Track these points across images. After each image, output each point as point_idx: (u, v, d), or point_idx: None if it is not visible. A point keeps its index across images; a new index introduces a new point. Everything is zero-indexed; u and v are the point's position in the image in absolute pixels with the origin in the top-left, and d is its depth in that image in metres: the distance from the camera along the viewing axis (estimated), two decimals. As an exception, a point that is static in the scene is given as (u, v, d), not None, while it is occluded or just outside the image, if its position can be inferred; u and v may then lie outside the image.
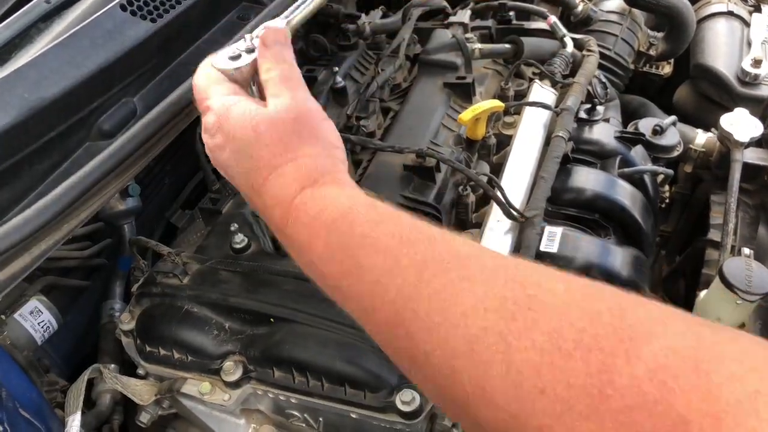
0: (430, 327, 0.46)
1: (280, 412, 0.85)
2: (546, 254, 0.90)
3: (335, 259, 0.54)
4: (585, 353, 0.39)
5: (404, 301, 0.49)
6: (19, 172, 0.69)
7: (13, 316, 0.96)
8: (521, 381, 0.40)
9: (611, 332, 0.39)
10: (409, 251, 0.50)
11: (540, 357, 0.40)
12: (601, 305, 0.42)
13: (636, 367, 0.37)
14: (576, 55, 1.26)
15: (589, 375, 0.38)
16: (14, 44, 0.77)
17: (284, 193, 0.58)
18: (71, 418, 0.80)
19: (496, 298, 0.44)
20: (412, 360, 0.49)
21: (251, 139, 0.61)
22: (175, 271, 0.88)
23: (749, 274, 0.87)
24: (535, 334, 0.41)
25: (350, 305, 0.54)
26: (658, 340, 0.38)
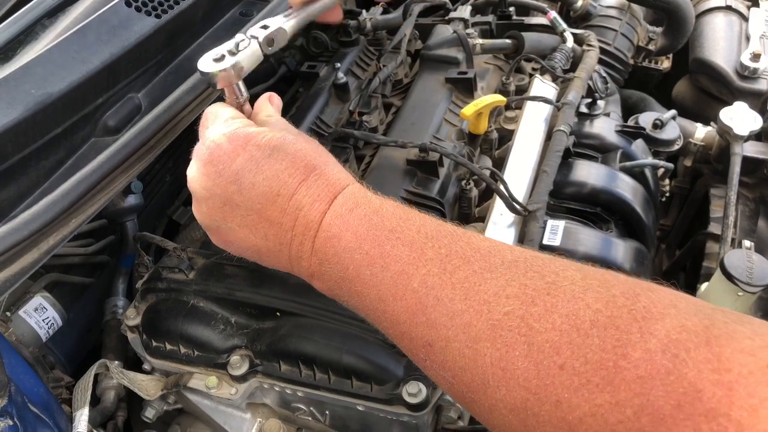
0: (453, 313, 0.49)
1: (286, 405, 0.86)
2: (549, 247, 0.91)
3: (362, 248, 0.56)
4: (601, 331, 0.41)
5: (427, 289, 0.51)
6: (26, 167, 0.70)
7: (18, 313, 0.96)
8: (542, 359, 0.43)
9: (626, 312, 0.42)
10: (434, 245, 0.53)
11: (559, 336, 0.43)
12: (615, 290, 0.44)
13: (649, 342, 0.39)
14: (576, 50, 1.26)
15: (605, 350, 0.40)
16: (19, 41, 0.77)
17: (326, 190, 0.60)
18: (79, 412, 0.81)
19: (516, 286, 0.47)
20: (429, 346, 0.50)
21: (288, 143, 0.62)
22: (180, 266, 0.88)
23: (750, 266, 0.88)
24: (554, 316, 0.44)
25: (369, 293, 0.55)
26: (671, 318, 0.40)
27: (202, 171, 0.63)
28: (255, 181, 0.60)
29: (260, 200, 0.60)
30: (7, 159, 0.67)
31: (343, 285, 0.58)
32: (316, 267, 0.60)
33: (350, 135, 1.01)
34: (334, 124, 1.11)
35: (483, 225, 0.91)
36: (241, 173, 0.60)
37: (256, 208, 0.60)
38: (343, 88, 1.15)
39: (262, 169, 0.60)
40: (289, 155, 0.61)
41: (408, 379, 0.75)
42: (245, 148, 0.61)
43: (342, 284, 0.58)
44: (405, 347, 0.54)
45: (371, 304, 0.55)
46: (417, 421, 0.77)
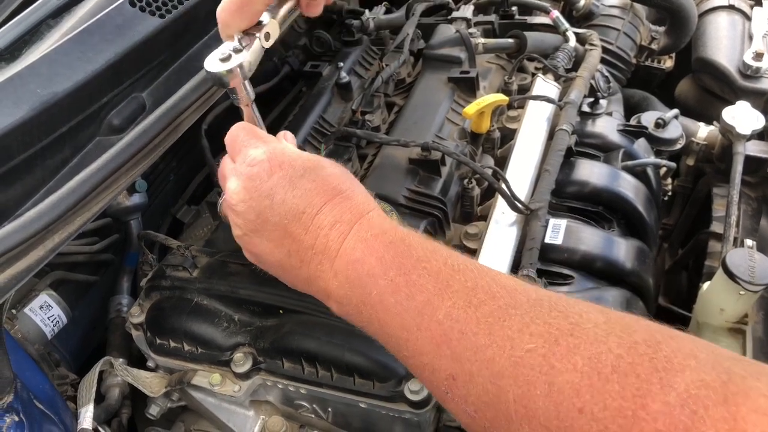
0: (477, 347, 0.49)
1: (289, 402, 0.86)
2: (551, 246, 0.91)
3: (387, 275, 0.56)
4: (622, 377, 0.41)
5: (452, 322, 0.51)
6: (32, 166, 0.70)
7: (24, 311, 0.97)
8: (562, 400, 0.43)
9: (647, 361, 0.42)
10: (460, 278, 0.53)
11: (580, 379, 0.43)
12: (637, 336, 0.44)
13: (669, 395, 0.39)
14: (578, 49, 1.27)
15: (624, 398, 0.41)
16: (25, 40, 0.77)
17: (350, 213, 0.61)
18: (84, 409, 0.81)
19: (540, 324, 0.47)
20: (452, 379, 0.50)
21: (321, 166, 0.65)
22: (184, 264, 0.88)
23: (752, 265, 0.88)
24: (576, 358, 0.44)
25: (392, 321, 0.55)
26: (690, 371, 0.40)
27: (242, 185, 0.66)
28: (285, 198, 0.63)
29: (287, 216, 0.62)
30: (13, 158, 0.67)
31: (364, 310, 0.58)
32: (335, 289, 0.60)
33: (353, 134, 1.01)
34: (337, 123, 1.12)
35: (485, 224, 0.92)
36: (275, 189, 0.63)
37: (283, 223, 0.63)
38: (346, 87, 1.15)
39: (294, 186, 0.63)
40: (319, 177, 0.64)
41: (410, 377, 0.75)
42: (281, 167, 0.64)
43: (362, 309, 0.58)
44: (426, 379, 0.54)
45: (393, 332, 0.55)
46: (419, 419, 0.78)
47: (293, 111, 1.19)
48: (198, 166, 1.32)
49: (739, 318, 0.94)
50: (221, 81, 0.68)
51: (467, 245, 0.90)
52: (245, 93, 0.71)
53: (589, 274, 0.92)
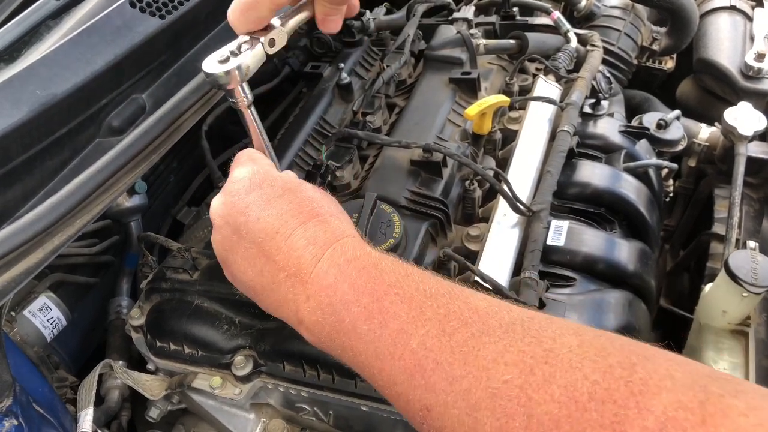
0: (452, 378, 0.48)
1: (290, 405, 0.86)
2: (553, 248, 0.91)
3: (360, 302, 0.55)
4: (599, 405, 0.41)
5: (426, 351, 0.51)
6: (31, 168, 0.70)
7: (23, 313, 0.97)
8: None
9: (623, 385, 0.42)
10: (432, 304, 0.53)
11: (558, 409, 0.43)
12: (612, 360, 0.44)
13: (647, 420, 0.39)
14: (580, 50, 1.26)
15: (603, 426, 0.40)
16: (24, 41, 0.77)
17: (324, 237, 0.61)
18: (84, 412, 0.81)
19: (515, 353, 0.47)
20: (427, 411, 0.50)
21: (301, 189, 0.66)
22: (184, 267, 0.88)
23: (755, 266, 0.88)
24: (553, 387, 0.44)
25: (366, 349, 0.54)
26: (667, 393, 0.40)
27: (221, 200, 0.67)
28: (260, 216, 0.63)
29: (261, 235, 0.62)
30: (12, 160, 0.67)
31: (337, 338, 0.57)
32: (307, 315, 0.60)
33: (354, 135, 1.01)
34: (338, 124, 1.11)
35: (487, 225, 0.91)
36: (251, 207, 0.64)
37: (257, 241, 0.62)
38: (346, 88, 1.15)
39: (270, 205, 0.63)
40: (297, 199, 0.64)
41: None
42: (261, 186, 0.65)
43: (335, 337, 0.57)
44: (401, 408, 0.54)
45: (367, 361, 0.55)
46: (421, 422, 0.77)
47: (294, 112, 1.18)
48: (198, 167, 1.32)
49: (741, 320, 0.93)
50: (218, 82, 0.68)
51: (469, 247, 0.89)
52: (243, 96, 0.71)
53: (591, 276, 0.91)
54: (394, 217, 0.85)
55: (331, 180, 0.98)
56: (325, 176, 0.96)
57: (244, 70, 0.68)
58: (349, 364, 0.58)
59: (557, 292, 0.87)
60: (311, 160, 1.04)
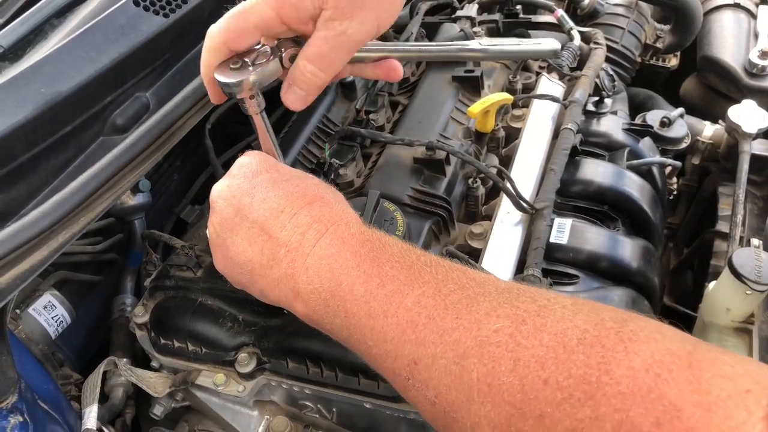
0: (443, 330, 0.49)
1: (293, 403, 0.86)
2: (556, 245, 0.91)
3: (360, 267, 0.56)
4: (587, 348, 0.42)
5: (420, 308, 0.52)
6: (36, 166, 0.70)
7: (28, 311, 0.97)
8: (527, 374, 0.43)
9: (613, 334, 0.43)
10: (431, 270, 0.54)
11: (545, 352, 0.43)
12: (604, 314, 0.45)
13: (633, 361, 0.40)
14: (583, 48, 1.26)
15: (589, 366, 0.41)
16: (29, 40, 0.78)
17: (329, 216, 0.62)
18: (88, 409, 0.81)
19: (508, 307, 0.48)
20: (414, 364, 0.50)
21: (308, 178, 0.67)
22: (188, 264, 0.88)
23: (759, 264, 0.88)
24: (543, 335, 0.45)
25: (359, 310, 0.55)
26: (656, 342, 0.41)
27: (226, 183, 0.68)
28: (267, 197, 0.64)
29: (265, 214, 0.63)
30: (17, 158, 0.67)
31: (331, 303, 0.57)
32: (303, 285, 0.60)
33: (357, 133, 1.01)
34: (341, 122, 1.11)
35: (490, 223, 0.91)
36: (257, 188, 0.65)
37: (260, 221, 0.63)
38: (349, 86, 1.15)
39: (276, 187, 0.64)
40: (303, 183, 0.65)
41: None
42: (268, 170, 0.67)
43: (330, 302, 0.57)
44: (387, 367, 0.54)
45: (358, 322, 0.55)
46: (423, 419, 0.77)
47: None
48: (202, 165, 1.32)
49: (745, 317, 0.93)
50: (230, 91, 0.67)
51: (472, 245, 0.90)
52: (255, 104, 0.71)
53: (594, 274, 0.91)
54: (397, 215, 0.85)
55: (335, 178, 0.98)
56: (329, 174, 0.96)
57: (259, 81, 0.67)
58: (338, 330, 0.58)
59: (560, 289, 0.87)
60: (314, 158, 1.04)
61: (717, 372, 0.38)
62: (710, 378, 0.38)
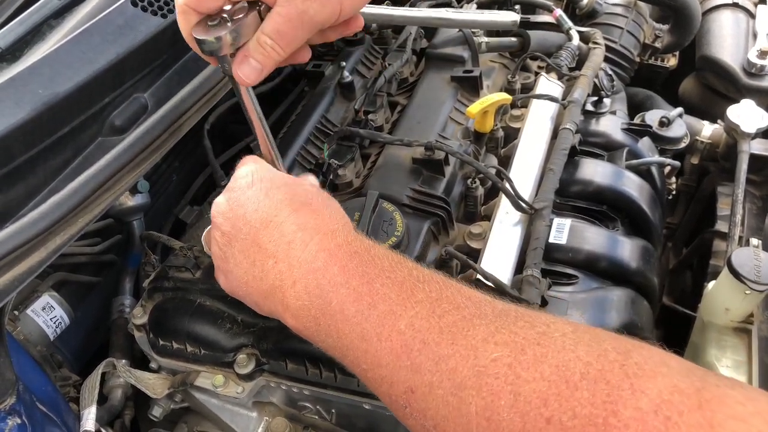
0: (439, 358, 0.47)
1: (292, 404, 0.86)
2: (555, 245, 0.91)
3: (349, 284, 0.55)
4: (591, 384, 0.40)
5: (414, 332, 0.50)
6: (34, 167, 0.70)
7: (26, 312, 0.97)
8: (528, 410, 0.41)
9: (617, 368, 0.41)
10: (424, 288, 0.52)
11: (547, 388, 0.41)
12: (607, 345, 0.43)
13: (641, 401, 0.38)
14: (582, 47, 1.26)
15: (594, 405, 0.39)
16: (26, 41, 0.77)
17: (314, 223, 0.61)
18: (87, 411, 0.81)
19: (506, 333, 0.46)
20: (411, 392, 0.49)
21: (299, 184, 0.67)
22: (187, 265, 0.88)
23: (758, 264, 0.88)
24: (544, 366, 0.42)
25: (352, 331, 0.54)
26: (663, 378, 0.39)
27: (224, 198, 0.68)
28: (257, 208, 0.64)
29: (256, 225, 0.63)
30: (15, 158, 0.67)
31: (322, 321, 0.56)
32: (292, 300, 0.59)
33: (356, 134, 1.01)
34: (340, 123, 1.11)
35: (489, 223, 0.91)
36: (251, 200, 0.64)
37: (252, 232, 0.63)
38: (348, 86, 1.15)
39: (268, 196, 0.64)
40: (292, 190, 0.65)
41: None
42: (262, 181, 0.66)
43: (321, 320, 0.56)
44: (384, 393, 0.52)
45: (351, 344, 0.54)
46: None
47: (296, 111, 1.18)
48: (200, 166, 1.32)
49: (744, 317, 0.93)
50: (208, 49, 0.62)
51: (471, 245, 0.89)
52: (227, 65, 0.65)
53: (593, 274, 0.91)
54: (396, 216, 0.85)
55: (334, 178, 0.98)
56: (327, 175, 0.96)
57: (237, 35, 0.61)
58: (331, 349, 0.57)
59: (559, 290, 0.87)
60: (313, 159, 1.04)
61: (728, 413, 0.37)
62: (722, 421, 0.36)
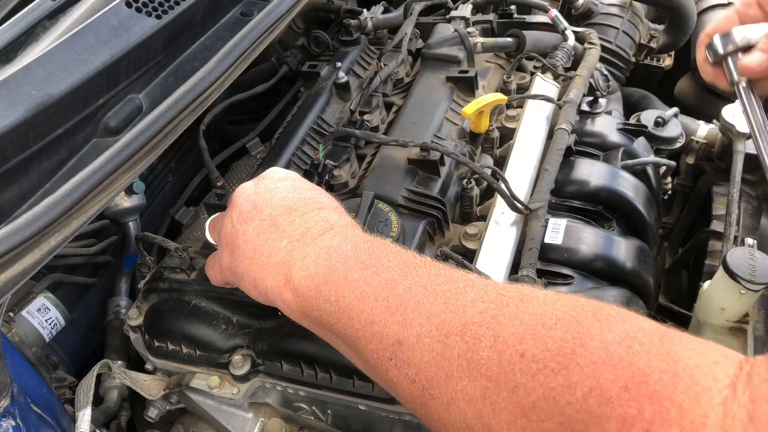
0: (431, 314, 0.52)
1: (288, 405, 0.86)
2: (550, 246, 0.91)
3: (358, 257, 0.59)
4: (565, 326, 0.45)
5: (410, 295, 0.54)
6: (28, 168, 0.69)
7: (21, 313, 0.97)
8: (505, 348, 0.46)
9: (590, 315, 0.45)
10: (425, 266, 0.58)
11: (525, 330, 0.46)
12: (584, 302, 0.48)
13: (607, 335, 0.43)
14: (577, 48, 1.26)
15: (565, 340, 0.44)
16: (20, 42, 0.77)
17: (336, 220, 0.66)
18: (82, 412, 0.81)
19: (494, 294, 0.51)
20: (399, 344, 0.53)
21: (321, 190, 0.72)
22: (182, 267, 0.88)
23: (753, 263, 0.88)
24: (524, 315, 0.47)
25: (350, 294, 0.57)
26: (630, 322, 0.44)
27: (254, 183, 0.72)
28: (285, 196, 0.69)
29: (280, 210, 0.67)
30: (8, 160, 0.67)
31: (323, 288, 0.59)
32: (297, 271, 0.62)
33: (351, 134, 1.01)
34: (336, 123, 1.11)
35: (484, 224, 0.91)
36: (279, 188, 0.70)
37: (274, 214, 0.67)
38: (344, 87, 1.15)
39: (296, 191, 0.69)
40: (321, 193, 0.71)
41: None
42: (294, 179, 0.73)
43: (322, 287, 0.59)
44: (372, 350, 0.55)
45: (348, 305, 0.57)
46: (418, 420, 0.77)
47: (291, 111, 1.18)
48: (196, 167, 1.32)
49: (739, 317, 0.93)
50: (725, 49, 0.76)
51: (466, 245, 0.89)
52: None
53: (589, 274, 0.91)
54: (392, 216, 0.85)
55: (329, 179, 0.98)
56: (323, 175, 0.96)
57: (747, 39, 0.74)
58: (325, 315, 0.59)
59: (555, 290, 0.87)
60: (309, 159, 1.03)
61: (687, 346, 0.40)
62: (680, 350, 0.40)
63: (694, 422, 0.36)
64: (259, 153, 1.20)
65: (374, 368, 0.56)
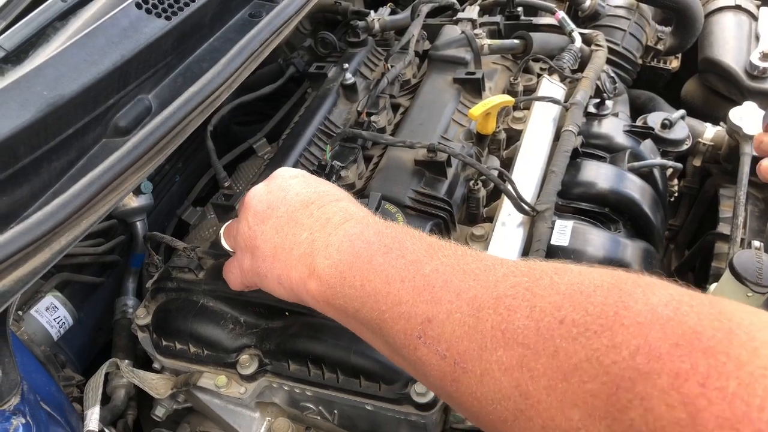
0: (460, 290, 0.51)
1: (295, 404, 0.86)
2: (557, 248, 0.91)
3: (382, 241, 0.59)
4: (605, 291, 0.43)
5: (438, 274, 0.53)
6: (38, 168, 0.70)
7: (30, 312, 0.98)
8: (543, 317, 0.44)
9: (630, 282, 0.43)
10: (450, 248, 0.57)
11: (562, 298, 0.44)
12: (621, 272, 0.45)
13: (652, 298, 0.41)
14: (584, 50, 1.26)
15: (606, 304, 0.42)
16: (31, 43, 0.77)
17: (354, 210, 0.66)
18: (90, 411, 0.82)
19: (525, 268, 0.50)
20: (428, 321, 0.51)
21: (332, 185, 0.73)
22: (190, 266, 0.88)
23: (760, 266, 0.88)
24: (560, 285, 0.46)
25: (376, 278, 0.56)
26: (674, 288, 0.42)
27: (265, 184, 0.73)
28: (300, 191, 0.69)
29: (296, 205, 0.67)
30: (19, 160, 0.67)
31: (348, 274, 0.58)
32: (322, 260, 0.61)
33: (358, 135, 1.01)
34: (343, 124, 1.11)
35: (491, 225, 0.92)
36: (292, 185, 0.70)
37: (290, 210, 0.67)
38: (351, 88, 1.15)
39: (310, 186, 0.70)
40: (334, 187, 0.72)
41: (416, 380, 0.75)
42: (305, 176, 0.73)
43: (347, 274, 0.58)
44: (398, 330, 0.54)
45: (374, 289, 0.56)
46: (425, 421, 0.77)
47: (298, 112, 1.19)
48: (203, 167, 1.33)
49: (746, 320, 0.93)
50: None
51: (473, 247, 0.90)
52: None
53: (595, 276, 0.91)
54: (399, 217, 0.85)
55: (336, 180, 0.98)
56: (330, 176, 0.96)
57: None
58: (350, 301, 0.58)
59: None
60: (316, 160, 1.04)
61: (738, 307, 0.38)
62: (732, 310, 0.38)
63: (753, 374, 0.34)
64: (266, 154, 1.20)
65: (400, 349, 0.54)
